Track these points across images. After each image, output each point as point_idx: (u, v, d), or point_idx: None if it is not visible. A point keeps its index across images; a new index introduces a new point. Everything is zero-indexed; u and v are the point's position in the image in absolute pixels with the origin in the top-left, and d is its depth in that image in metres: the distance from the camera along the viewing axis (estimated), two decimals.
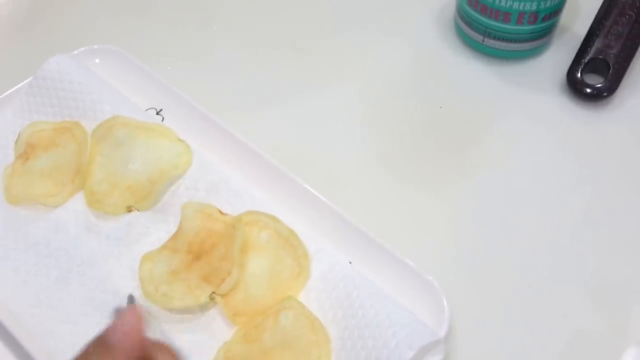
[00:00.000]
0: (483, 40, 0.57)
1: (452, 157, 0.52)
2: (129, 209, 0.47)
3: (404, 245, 0.44)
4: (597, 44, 0.56)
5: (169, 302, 0.42)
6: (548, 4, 0.53)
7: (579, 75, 0.55)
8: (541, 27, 0.55)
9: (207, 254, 0.43)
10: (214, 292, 0.42)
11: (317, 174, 0.49)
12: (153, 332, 0.41)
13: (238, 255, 0.43)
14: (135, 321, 0.33)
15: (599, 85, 0.54)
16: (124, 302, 0.43)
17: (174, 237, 0.44)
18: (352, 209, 0.46)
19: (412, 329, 0.40)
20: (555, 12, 0.55)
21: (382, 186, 0.50)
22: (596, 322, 0.43)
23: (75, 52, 0.55)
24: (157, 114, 0.53)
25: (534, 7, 0.53)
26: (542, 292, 0.45)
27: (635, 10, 0.56)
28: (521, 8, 0.53)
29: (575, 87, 0.55)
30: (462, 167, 0.52)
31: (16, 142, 0.51)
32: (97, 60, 0.55)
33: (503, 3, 0.53)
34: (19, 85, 0.54)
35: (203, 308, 0.43)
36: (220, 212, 0.45)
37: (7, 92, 0.54)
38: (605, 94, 0.54)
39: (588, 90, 0.54)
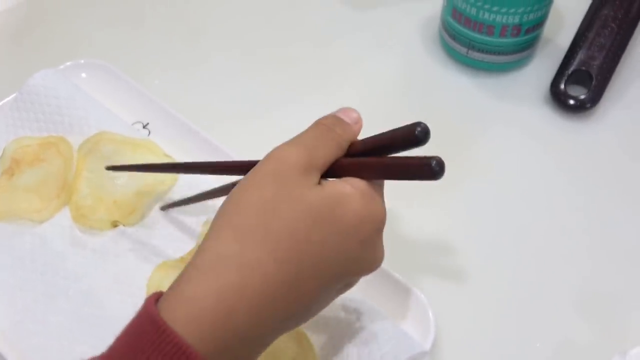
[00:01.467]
0: (467, 53, 0.57)
1: None
2: (115, 224, 0.47)
3: (391, 258, 0.44)
4: (580, 55, 0.56)
5: None
6: (531, 16, 0.53)
7: (562, 86, 0.55)
8: (524, 40, 0.56)
9: None
10: None
11: None
12: None
13: None
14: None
15: (582, 96, 0.55)
16: (110, 317, 0.43)
17: (191, 252, 0.45)
18: None
19: (398, 342, 0.40)
20: (538, 24, 0.55)
21: None
22: (583, 332, 0.43)
23: (62, 66, 0.55)
24: (144, 127, 0.53)
25: (517, 20, 0.53)
26: (528, 302, 0.45)
27: (617, 22, 0.57)
28: (504, 21, 0.53)
29: (558, 98, 0.55)
30: (448, 179, 0.52)
31: (1, 157, 0.51)
32: (83, 75, 0.55)
33: (486, 16, 0.53)
34: (4, 100, 0.54)
35: None
36: None
37: None
38: (588, 105, 0.55)
39: (571, 101, 0.55)
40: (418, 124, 0.32)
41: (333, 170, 0.34)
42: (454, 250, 0.48)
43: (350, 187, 0.32)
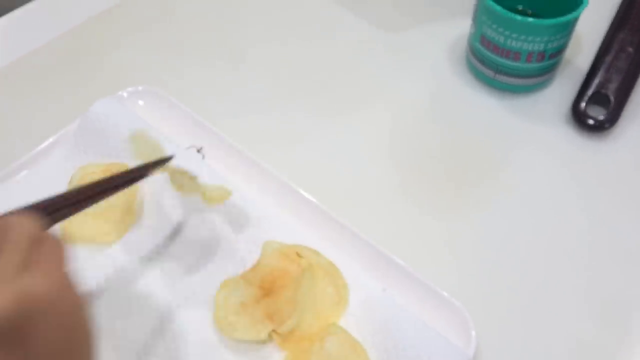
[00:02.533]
0: (495, 76, 0.62)
1: (471, 185, 0.57)
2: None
3: (431, 271, 0.49)
4: (599, 78, 0.61)
5: (232, 332, 0.46)
6: (554, 44, 0.58)
7: (582, 107, 0.60)
8: (548, 64, 0.60)
9: (276, 293, 0.47)
10: (273, 330, 0.46)
11: (346, 205, 0.53)
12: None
13: (301, 301, 0.47)
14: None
15: (601, 117, 0.59)
16: (178, 332, 0.48)
17: (252, 269, 0.48)
18: (382, 239, 0.50)
19: (445, 351, 0.44)
20: (560, 50, 0.59)
21: (407, 216, 0.55)
22: (603, 336, 0.48)
23: (121, 93, 0.59)
24: (198, 152, 0.57)
25: (542, 47, 0.58)
26: (556, 308, 0.50)
27: (634, 46, 0.61)
28: (530, 49, 0.58)
29: (579, 118, 0.60)
30: (479, 195, 0.56)
31: (69, 184, 0.55)
32: (140, 102, 0.59)
33: (514, 44, 0.58)
34: (67, 128, 0.58)
35: (260, 342, 0.47)
36: (298, 254, 0.48)
37: (56, 135, 0.57)
38: (607, 125, 0.59)
39: (591, 121, 0.59)
40: None
41: None
42: (487, 263, 0.52)
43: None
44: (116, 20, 0.72)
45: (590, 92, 0.60)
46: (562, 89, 0.63)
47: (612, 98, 0.60)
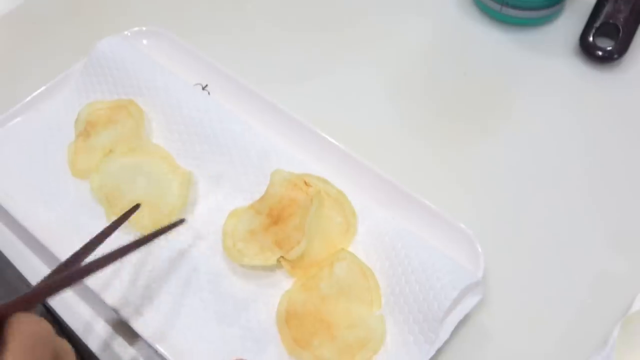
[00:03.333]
0: (501, 9, 0.61)
1: (477, 118, 0.57)
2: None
3: (439, 200, 0.49)
4: (608, 8, 0.60)
5: (241, 258, 0.47)
6: None
7: (591, 39, 0.59)
8: None
9: (284, 221, 0.47)
10: (282, 257, 0.46)
11: (355, 139, 0.53)
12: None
13: (310, 228, 0.47)
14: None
15: (610, 48, 0.58)
16: (190, 264, 0.49)
17: (260, 199, 0.49)
18: (390, 170, 0.51)
19: (454, 273, 0.45)
20: None
21: (416, 148, 0.55)
22: (615, 261, 0.48)
23: (125, 32, 0.59)
24: (203, 89, 0.57)
25: None
26: (567, 237, 0.50)
27: None
28: None
29: (587, 50, 0.59)
30: (487, 127, 0.56)
31: (76, 121, 0.55)
32: (144, 41, 0.59)
33: None
34: (73, 67, 0.58)
35: (269, 268, 0.47)
36: (306, 183, 0.48)
37: (63, 74, 0.58)
38: (616, 55, 0.58)
39: (600, 53, 0.58)
40: None
41: None
42: (495, 192, 0.52)
43: None
44: None
45: (598, 23, 0.59)
46: (569, 21, 0.62)
47: (621, 28, 0.59)
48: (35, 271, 0.49)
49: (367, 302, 0.46)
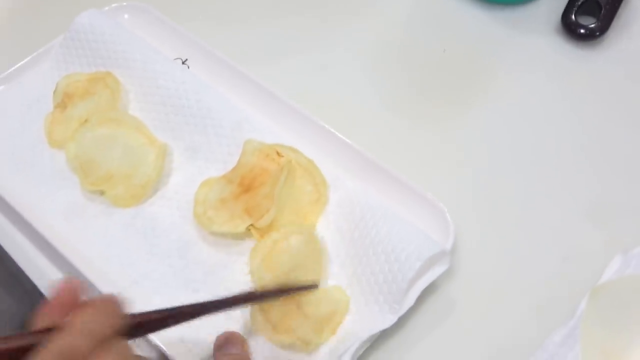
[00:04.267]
0: None
1: (456, 96, 0.57)
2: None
3: (414, 173, 0.49)
4: None
5: (210, 225, 0.47)
6: None
7: (572, 16, 0.59)
8: None
9: (255, 190, 0.47)
10: (251, 225, 0.46)
11: (331, 114, 0.53)
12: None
13: (279, 196, 0.47)
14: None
15: (592, 25, 0.58)
16: (162, 230, 0.49)
17: (233, 169, 0.49)
18: (367, 144, 0.50)
19: (420, 243, 0.44)
20: None
21: (392, 123, 0.55)
22: (589, 234, 0.48)
23: (106, 8, 0.59)
24: (183, 63, 0.57)
25: None
26: (539, 209, 0.50)
27: None
28: None
29: (569, 28, 0.58)
30: (465, 104, 0.56)
31: (54, 92, 0.55)
32: (125, 16, 0.60)
33: None
34: (54, 41, 0.58)
35: (239, 237, 0.47)
36: (278, 153, 0.48)
37: (43, 48, 0.58)
38: (597, 33, 0.58)
39: (582, 30, 0.58)
40: None
41: None
42: (470, 166, 0.52)
43: None
44: None
45: (580, 0, 0.59)
46: (552, 0, 0.62)
47: (602, 5, 0.58)
48: (16, 244, 0.50)
49: (318, 273, 0.46)
